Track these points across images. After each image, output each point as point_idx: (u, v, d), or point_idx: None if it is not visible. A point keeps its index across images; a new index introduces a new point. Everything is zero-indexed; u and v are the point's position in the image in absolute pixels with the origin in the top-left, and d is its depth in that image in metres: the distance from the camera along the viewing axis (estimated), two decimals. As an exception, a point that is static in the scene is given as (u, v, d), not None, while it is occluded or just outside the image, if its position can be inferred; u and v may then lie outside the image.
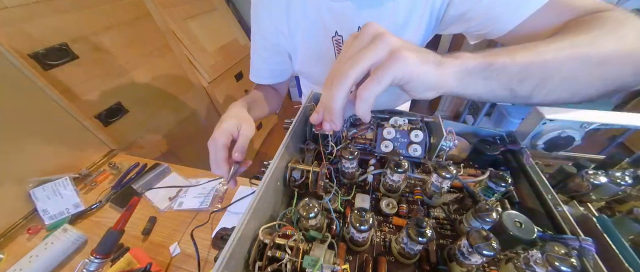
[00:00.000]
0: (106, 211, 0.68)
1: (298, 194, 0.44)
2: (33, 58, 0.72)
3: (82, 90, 0.85)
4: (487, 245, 0.28)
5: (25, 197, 0.67)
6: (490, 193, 0.40)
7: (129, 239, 0.60)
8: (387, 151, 0.47)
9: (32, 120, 0.68)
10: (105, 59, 0.91)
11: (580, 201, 0.42)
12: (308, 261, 0.29)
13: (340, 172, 0.47)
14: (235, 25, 1.68)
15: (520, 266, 0.29)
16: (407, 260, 0.35)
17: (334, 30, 0.60)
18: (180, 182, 0.74)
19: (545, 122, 0.44)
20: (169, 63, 1.18)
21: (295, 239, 0.32)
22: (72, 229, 0.59)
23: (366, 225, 0.32)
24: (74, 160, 0.78)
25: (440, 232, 0.40)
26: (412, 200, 0.44)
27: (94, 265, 0.45)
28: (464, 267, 0.32)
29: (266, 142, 2.07)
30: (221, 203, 0.67)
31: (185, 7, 1.31)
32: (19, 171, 0.67)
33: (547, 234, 0.32)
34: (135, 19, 1.01)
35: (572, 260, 0.25)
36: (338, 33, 0.60)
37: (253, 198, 0.33)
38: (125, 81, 0.99)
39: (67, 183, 0.70)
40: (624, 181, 0.40)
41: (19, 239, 0.63)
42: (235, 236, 0.29)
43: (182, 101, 1.27)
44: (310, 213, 0.34)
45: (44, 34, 0.75)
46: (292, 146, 0.45)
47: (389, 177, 0.43)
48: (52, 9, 0.76)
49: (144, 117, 1.08)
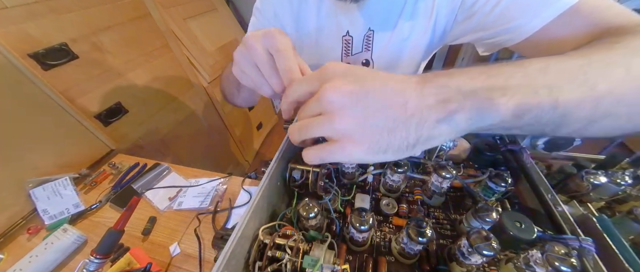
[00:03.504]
0: (106, 211, 0.68)
1: (298, 194, 0.44)
2: (33, 58, 0.72)
3: (82, 90, 0.85)
4: (487, 245, 0.28)
5: (25, 197, 0.66)
6: (490, 193, 0.40)
7: (129, 239, 0.60)
8: (387, 151, 0.47)
9: (32, 120, 0.68)
10: (105, 59, 0.91)
11: (580, 201, 0.42)
12: (308, 261, 0.29)
13: (340, 172, 0.47)
14: (235, 25, 1.68)
15: (520, 266, 0.29)
16: (407, 260, 0.35)
17: (346, 29, 0.59)
18: (180, 182, 0.74)
19: (545, 122, 0.44)
20: (168, 63, 1.18)
21: (295, 239, 0.32)
22: (72, 229, 0.59)
23: (366, 225, 0.32)
24: (74, 160, 0.78)
25: (440, 232, 0.40)
26: (412, 200, 0.44)
27: (93, 265, 0.45)
28: (464, 267, 0.32)
29: (266, 142, 2.07)
30: (221, 203, 0.67)
31: (185, 7, 1.30)
32: (19, 171, 0.66)
33: (547, 234, 0.32)
34: (135, 19, 1.01)
35: (572, 260, 0.25)
36: (349, 33, 0.60)
37: (253, 198, 0.33)
38: (125, 81, 0.99)
39: (67, 183, 0.70)
40: (624, 181, 0.40)
41: (19, 239, 0.63)
42: (235, 236, 0.29)
43: (182, 101, 1.27)
44: (310, 213, 0.34)
45: (44, 34, 0.75)
46: (292, 146, 0.45)
47: (389, 177, 0.43)
48: (52, 9, 0.76)
49: (144, 117, 1.08)
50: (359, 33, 0.59)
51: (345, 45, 0.63)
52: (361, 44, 0.61)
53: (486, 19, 0.42)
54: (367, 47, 0.61)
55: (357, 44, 0.61)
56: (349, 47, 0.63)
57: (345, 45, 0.62)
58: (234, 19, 1.67)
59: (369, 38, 0.59)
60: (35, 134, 0.69)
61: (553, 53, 0.23)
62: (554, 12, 0.34)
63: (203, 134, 1.43)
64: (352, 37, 0.60)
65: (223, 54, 1.49)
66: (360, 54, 0.63)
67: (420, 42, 0.56)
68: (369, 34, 0.59)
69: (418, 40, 0.56)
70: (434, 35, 0.54)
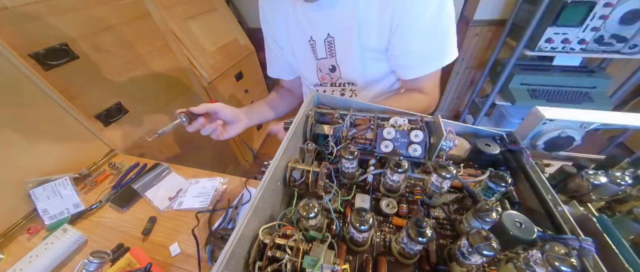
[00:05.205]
0: (106, 211, 0.68)
1: (298, 194, 0.44)
2: (33, 58, 0.72)
3: (82, 90, 0.85)
4: (487, 245, 0.28)
5: (25, 197, 0.66)
6: (490, 193, 0.40)
7: (129, 239, 0.60)
8: (387, 151, 0.47)
9: (32, 120, 0.68)
10: (105, 59, 0.91)
11: (580, 201, 0.42)
12: (308, 261, 0.29)
13: (340, 172, 0.47)
14: (235, 25, 1.68)
15: (520, 266, 0.29)
16: (407, 260, 0.35)
17: (309, 34, 0.64)
18: (180, 182, 0.74)
19: (545, 122, 0.44)
20: (169, 63, 1.18)
21: (295, 239, 0.32)
22: (72, 229, 0.59)
23: (366, 225, 0.32)
24: (74, 160, 0.78)
25: (440, 232, 0.40)
26: (412, 200, 0.44)
27: (93, 265, 0.45)
28: (464, 267, 0.32)
29: (266, 142, 2.07)
30: (221, 203, 0.67)
31: (185, 7, 1.31)
32: (19, 171, 0.66)
33: (547, 234, 0.32)
34: (135, 19, 1.01)
35: (572, 260, 0.25)
36: (312, 38, 0.64)
37: (253, 198, 0.33)
38: (125, 81, 0.99)
39: (67, 183, 0.70)
40: (624, 181, 0.40)
41: (19, 239, 0.63)
42: (235, 236, 0.29)
43: (182, 101, 1.27)
44: (310, 213, 0.34)
45: (44, 34, 0.75)
46: (292, 146, 0.45)
47: (389, 177, 0.43)
48: (52, 9, 0.76)
49: (144, 117, 1.08)
50: (320, 38, 0.63)
51: (311, 48, 0.67)
52: (325, 49, 0.65)
53: (403, 53, 0.59)
54: (330, 52, 0.65)
55: (320, 49, 0.65)
56: (314, 51, 0.67)
57: (312, 48, 0.67)
58: (234, 19, 1.67)
59: (330, 44, 0.63)
60: (35, 134, 0.69)
61: None
62: (420, 73, 0.61)
63: (203, 134, 1.43)
64: (315, 41, 0.64)
65: (223, 54, 1.49)
66: (325, 59, 0.67)
67: (378, 54, 0.62)
68: (330, 40, 0.61)
69: (375, 52, 0.61)
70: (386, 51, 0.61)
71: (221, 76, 1.46)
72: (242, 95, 1.70)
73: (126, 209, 0.68)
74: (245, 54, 1.68)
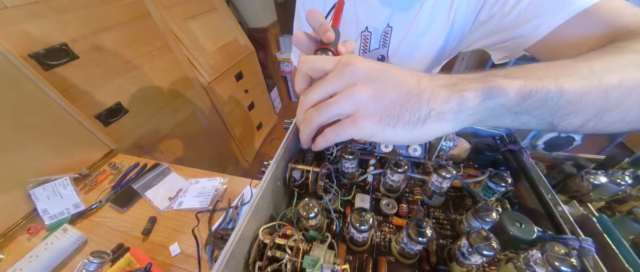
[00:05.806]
0: (106, 211, 0.68)
1: (298, 194, 0.44)
2: (33, 58, 0.72)
3: (82, 90, 0.85)
4: (487, 245, 0.28)
5: (25, 197, 0.66)
6: (490, 193, 0.40)
7: (129, 239, 0.60)
8: (387, 151, 0.47)
9: (32, 120, 0.68)
10: (105, 59, 0.91)
11: (580, 201, 0.42)
12: (308, 261, 0.29)
13: (340, 172, 0.47)
14: (235, 25, 1.68)
15: (520, 266, 0.29)
16: (407, 260, 0.35)
17: (365, 25, 0.60)
18: (180, 182, 0.74)
19: (545, 122, 0.44)
20: (169, 63, 1.18)
21: (295, 239, 0.32)
22: (72, 229, 0.59)
23: (366, 225, 0.32)
24: (74, 160, 0.78)
25: (440, 232, 0.40)
26: (412, 200, 0.44)
27: (93, 265, 0.45)
28: (464, 267, 0.32)
29: (266, 142, 2.07)
30: (221, 203, 0.67)
31: (185, 7, 1.30)
32: (19, 171, 0.66)
33: (547, 234, 0.32)
34: (135, 19, 1.01)
35: (572, 260, 0.25)
36: (368, 29, 0.61)
37: (253, 198, 0.33)
38: (125, 81, 0.99)
39: (67, 183, 0.70)
40: (624, 181, 0.40)
41: (19, 239, 0.63)
42: (235, 236, 0.29)
43: (182, 101, 1.27)
44: (310, 213, 0.34)
45: (44, 34, 0.75)
46: (292, 146, 0.45)
47: (389, 177, 0.43)
48: (52, 9, 0.76)
49: (144, 117, 1.08)
50: (378, 29, 0.59)
51: (363, 40, 0.63)
52: (379, 40, 0.61)
53: (503, 20, 0.42)
54: (384, 43, 0.61)
55: (375, 40, 0.62)
56: (367, 43, 0.64)
57: (364, 40, 0.63)
58: (234, 19, 1.67)
59: (387, 34, 0.60)
60: (36, 134, 0.69)
61: (566, 57, 0.24)
62: (569, 13, 0.34)
63: (203, 134, 1.43)
64: (371, 33, 0.61)
65: (223, 54, 1.49)
66: (377, 50, 0.63)
67: (436, 40, 0.56)
68: (387, 31, 0.59)
69: (434, 38, 0.56)
70: (451, 35, 0.54)
71: (221, 76, 1.46)
72: (242, 95, 1.70)
73: (126, 209, 0.68)
74: (245, 54, 1.68)
